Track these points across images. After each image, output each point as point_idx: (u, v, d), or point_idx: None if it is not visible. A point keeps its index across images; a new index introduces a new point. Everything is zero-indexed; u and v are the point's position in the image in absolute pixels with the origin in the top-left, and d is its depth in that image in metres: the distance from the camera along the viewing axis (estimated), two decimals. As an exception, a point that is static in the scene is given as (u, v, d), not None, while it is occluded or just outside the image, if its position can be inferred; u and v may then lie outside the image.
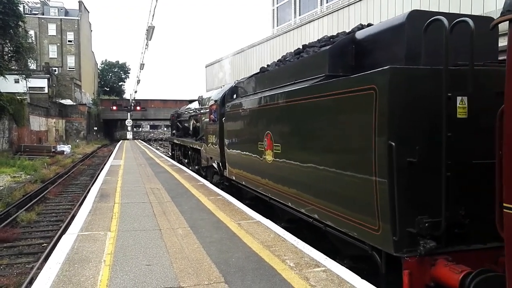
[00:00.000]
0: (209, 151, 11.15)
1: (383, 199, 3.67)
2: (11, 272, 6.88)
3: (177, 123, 20.14)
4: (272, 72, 7.39)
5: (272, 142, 6.32)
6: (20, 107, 28.08)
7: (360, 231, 4.09)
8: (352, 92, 4.18)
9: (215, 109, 10.43)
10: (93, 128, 52.04)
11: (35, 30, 51.68)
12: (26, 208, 11.22)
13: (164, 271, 4.13)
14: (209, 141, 11.03)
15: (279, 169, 6.10)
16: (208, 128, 11.28)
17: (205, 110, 12.91)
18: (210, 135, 10.97)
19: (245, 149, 7.85)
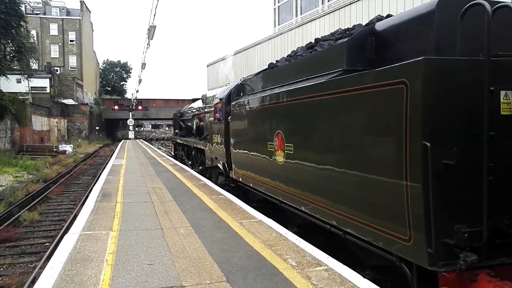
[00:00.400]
0: (213, 151, 10.72)
1: (415, 206, 3.32)
2: (13, 272, 6.91)
3: (179, 122, 19.66)
4: (283, 67, 6.87)
5: (284, 142, 5.92)
6: (22, 107, 28.14)
7: (387, 241, 3.70)
8: (378, 87, 3.79)
9: (220, 108, 9.98)
10: (95, 128, 52.11)
11: (37, 30, 51.77)
12: (28, 207, 11.25)
13: (166, 270, 4.14)
14: (214, 141, 10.56)
15: (291, 171, 5.71)
16: (213, 127, 10.79)
17: (209, 108, 12.50)
18: (214, 135, 10.50)
19: (252, 149, 7.42)
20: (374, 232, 3.87)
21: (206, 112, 13.47)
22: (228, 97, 9.57)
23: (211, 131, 11.12)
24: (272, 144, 6.35)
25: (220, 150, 9.95)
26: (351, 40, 4.78)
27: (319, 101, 4.96)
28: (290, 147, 5.75)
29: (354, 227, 4.20)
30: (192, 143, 14.87)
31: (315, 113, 5.14)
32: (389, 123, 3.66)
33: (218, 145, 10.18)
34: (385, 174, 3.70)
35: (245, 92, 8.73)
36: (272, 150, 6.36)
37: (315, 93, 5.08)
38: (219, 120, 10.04)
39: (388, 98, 3.65)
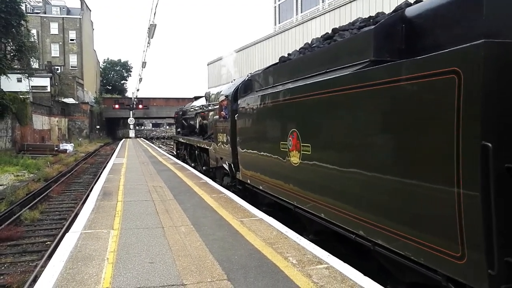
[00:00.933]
0: (218, 150, 10.21)
1: (471, 218, 2.82)
2: (15, 270, 6.93)
3: (182, 120, 19.06)
4: (297, 60, 6.20)
5: (299, 141, 5.39)
6: (23, 106, 28.16)
7: (430, 257, 3.21)
8: (419, 79, 3.29)
9: (226, 105, 9.46)
10: (95, 127, 52.12)
11: (37, 29, 51.75)
12: (29, 206, 11.26)
13: (167, 268, 4.14)
14: (219, 140, 10.01)
15: (309, 173, 5.15)
16: (218, 126, 10.21)
17: (213, 106, 12.10)
18: (220, 134, 9.96)
19: (263, 149, 6.89)
20: (414, 245, 3.37)
21: (210, 110, 13.02)
22: (235, 94, 9.01)
23: (216, 129, 10.52)
24: (286, 144, 5.82)
25: (225, 150, 9.45)
26: (378, 28, 4.18)
27: (342, 96, 4.44)
28: (307, 147, 5.22)
29: (387, 238, 3.69)
30: (195, 142, 14.24)
31: (336, 109, 4.63)
32: (433, 120, 3.14)
33: (223, 145, 9.66)
34: (429, 179, 3.20)
35: (253, 88, 8.06)
36: (286, 150, 5.82)
37: (337, 87, 4.54)
38: (224, 118, 9.52)
39: (433, 90, 3.14)
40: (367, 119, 4.08)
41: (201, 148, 13.49)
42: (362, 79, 4.11)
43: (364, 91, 4.05)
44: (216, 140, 10.47)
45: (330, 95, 4.71)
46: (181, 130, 18.93)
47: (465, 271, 2.92)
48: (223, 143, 9.65)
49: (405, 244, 3.48)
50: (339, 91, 4.53)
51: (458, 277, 3.01)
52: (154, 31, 17.51)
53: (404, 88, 3.49)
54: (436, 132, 3.12)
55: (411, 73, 3.40)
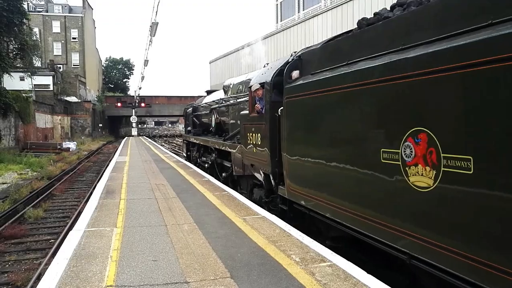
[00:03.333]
0: (248, 155, 7.99)
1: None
2: (19, 268, 6.97)
3: (193, 118, 16.90)
4: (404, 18, 3.96)
5: (436, 150, 3.16)
6: (25, 104, 28.27)
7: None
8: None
9: (261, 96, 7.30)
10: (98, 125, 52.27)
11: (39, 28, 51.85)
12: (33, 204, 11.32)
13: (170, 266, 4.16)
14: (250, 142, 7.84)
15: (460, 206, 3.01)
16: (248, 123, 7.98)
17: (237, 99, 10.05)
18: (251, 134, 7.80)
19: (337, 159, 4.68)
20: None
21: (232, 105, 10.60)
22: (276, 80, 6.75)
23: (244, 128, 8.25)
24: (397, 153, 3.59)
25: (260, 155, 7.25)
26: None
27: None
28: (459, 161, 2.97)
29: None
30: (212, 144, 11.96)
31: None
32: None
33: (256, 148, 7.45)
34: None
35: (307, 70, 5.79)
36: (396, 163, 3.60)
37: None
38: (259, 113, 7.31)
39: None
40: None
41: (220, 151, 11.20)
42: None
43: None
44: (244, 141, 8.23)
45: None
46: (193, 129, 16.60)
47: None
48: (256, 146, 7.45)
49: None
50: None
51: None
52: (156, 29, 17.51)
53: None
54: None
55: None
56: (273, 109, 6.58)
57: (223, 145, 10.45)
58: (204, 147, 13.94)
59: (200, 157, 14.83)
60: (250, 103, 7.76)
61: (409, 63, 3.54)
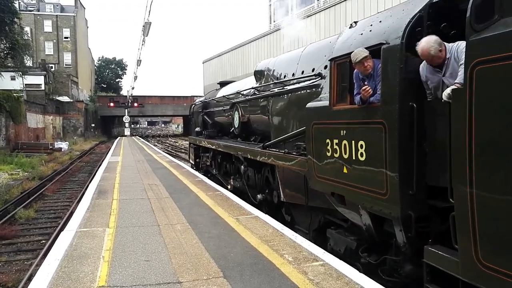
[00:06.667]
0: (328, 176, 4.78)
1: None
2: (10, 269, 6.91)
3: (203, 117, 13.58)
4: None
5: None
6: (16, 104, 27.98)
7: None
8: None
9: (369, 72, 4.10)
10: (90, 125, 51.89)
11: (30, 27, 51.35)
12: (24, 205, 11.21)
13: (162, 266, 4.14)
14: (331, 155, 4.65)
15: None
16: (327, 122, 4.86)
17: (281, 87, 6.90)
18: (337, 140, 4.54)
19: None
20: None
21: (275, 95, 7.08)
22: (412, 35, 3.65)
23: (317, 131, 5.01)
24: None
25: (365, 180, 4.10)
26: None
27: None
28: None
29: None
30: (243, 152, 8.32)
31: None
32: None
33: (353, 166, 4.28)
34: None
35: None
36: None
37: None
38: (365, 103, 4.07)
39: None
40: None
41: (253, 162, 7.89)
42: None
43: None
44: (316, 152, 5.01)
45: None
46: (204, 131, 13.02)
47: None
48: (353, 164, 4.27)
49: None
50: None
51: None
52: (149, 29, 17.45)
53: None
54: None
55: None
56: (408, 95, 3.63)
57: (261, 155, 7.05)
58: (223, 154, 10.49)
59: (216, 168, 11.60)
60: (335, 86, 4.66)
61: None
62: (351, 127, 4.35)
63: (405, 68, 3.66)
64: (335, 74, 4.69)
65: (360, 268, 4.36)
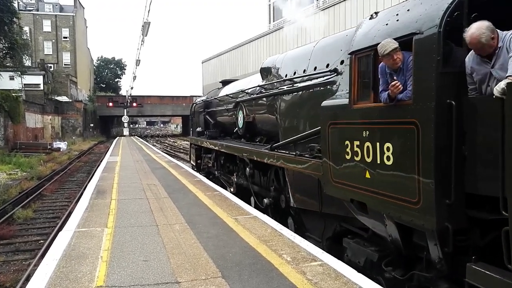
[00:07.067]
0: (347, 182, 4.33)
1: None
2: (8, 269, 6.89)
3: (205, 116, 13.09)
4: None
5: None
6: (15, 104, 27.93)
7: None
8: None
9: (398, 65, 3.65)
10: (89, 125, 51.83)
11: (29, 27, 51.27)
12: (22, 205, 11.18)
13: (161, 266, 4.13)
14: (351, 158, 4.24)
15: None
16: (347, 122, 4.40)
17: (291, 84, 6.42)
18: (358, 142, 4.12)
19: None
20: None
21: (284, 93, 6.60)
22: (456, 20, 3.25)
23: (335, 132, 4.55)
24: None
25: (391, 187, 3.69)
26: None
27: None
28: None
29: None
30: (248, 153, 7.86)
31: None
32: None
33: (377, 172, 3.86)
34: None
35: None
36: None
37: None
38: (393, 100, 3.63)
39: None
40: None
41: (260, 164, 7.51)
42: None
43: None
44: (333, 155, 4.56)
45: None
46: (206, 131, 12.61)
47: None
48: (376, 168, 3.86)
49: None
50: None
51: None
52: (148, 29, 17.44)
53: None
54: None
55: None
56: (446, 91, 3.24)
57: (269, 157, 6.64)
58: (226, 155, 10.13)
59: (219, 169, 11.17)
60: (356, 82, 4.22)
61: None
62: (375, 127, 3.90)
63: (443, 60, 3.21)
64: (355, 69, 4.25)
65: (383, 283, 4.06)
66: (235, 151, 8.81)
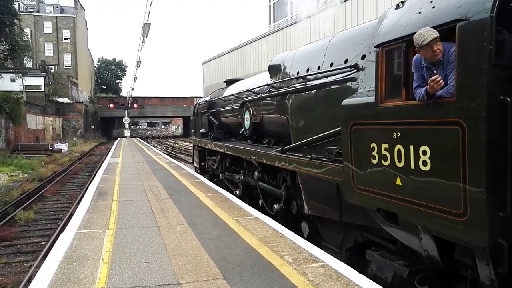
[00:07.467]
0: (373, 189, 3.92)
1: None
2: (9, 271, 6.90)
3: (209, 117, 12.65)
4: None
5: None
6: (16, 105, 27.98)
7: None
8: None
9: (438, 58, 3.23)
10: (90, 126, 51.88)
11: (30, 28, 51.33)
12: (24, 206, 11.20)
13: (162, 268, 4.14)
14: (377, 162, 3.80)
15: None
16: (372, 122, 3.95)
17: (303, 83, 6.00)
18: (386, 145, 3.69)
19: None
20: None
21: (296, 91, 6.13)
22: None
23: (359, 133, 4.14)
24: None
25: (430, 196, 3.26)
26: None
27: None
28: None
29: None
30: (257, 156, 7.46)
31: None
32: None
33: (411, 178, 3.42)
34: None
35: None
36: None
37: None
38: (431, 98, 3.21)
39: None
40: None
41: (272, 168, 7.04)
42: None
43: None
44: (357, 159, 4.14)
45: None
46: (210, 132, 12.09)
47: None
48: (410, 174, 3.44)
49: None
50: None
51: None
52: (149, 30, 17.46)
53: None
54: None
55: None
56: (499, 86, 2.87)
57: (280, 160, 6.24)
58: (232, 158, 9.73)
59: (223, 172, 10.72)
60: (383, 78, 3.83)
61: None
62: (408, 128, 3.44)
63: (496, 50, 2.80)
64: (383, 63, 3.82)
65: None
66: (242, 154, 8.39)
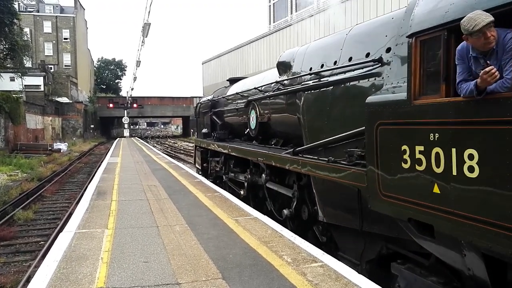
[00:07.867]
0: (405, 197, 3.48)
1: None
2: (8, 271, 6.89)
3: (212, 117, 12.18)
4: None
5: None
6: (16, 105, 27.96)
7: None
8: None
9: (491, 46, 2.77)
10: (89, 126, 51.89)
11: (30, 28, 51.30)
12: (23, 206, 11.20)
13: (161, 267, 4.13)
14: (414, 167, 3.34)
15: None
16: (406, 122, 3.49)
17: (317, 79, 5.51)
18: (427, 148, 3.21)
19: None
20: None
21: (310, 88, 5.68)
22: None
23: (388, 135, 3.69)
24: None
25: (491, 205, 2.76)
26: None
27: None
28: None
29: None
30: (266, 158, 6.96)
31: None
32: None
33: (461, 184, 2.94)
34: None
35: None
36: None
37: None
38: (481, 93, 2.75)
39: None
40: None
41: (282, 171, 6.70)
42: None
43: None
44: (385, 164, 3.71)
45: None
46: (213, 132, 11.65)
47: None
48: (459, 181, 2.94)
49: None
50: None
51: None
52: (149, 30, 17.45)
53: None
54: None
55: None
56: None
57: (292, 163, 5.79)
58: (237, 159, 9.25)
59: (227, 174, 10.29)
60: (418, 72, 3.41)
61: None
62: (450, 128, 2.98)
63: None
64: (417, 55, 3.39)
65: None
66: (249, 155, 7.87)
